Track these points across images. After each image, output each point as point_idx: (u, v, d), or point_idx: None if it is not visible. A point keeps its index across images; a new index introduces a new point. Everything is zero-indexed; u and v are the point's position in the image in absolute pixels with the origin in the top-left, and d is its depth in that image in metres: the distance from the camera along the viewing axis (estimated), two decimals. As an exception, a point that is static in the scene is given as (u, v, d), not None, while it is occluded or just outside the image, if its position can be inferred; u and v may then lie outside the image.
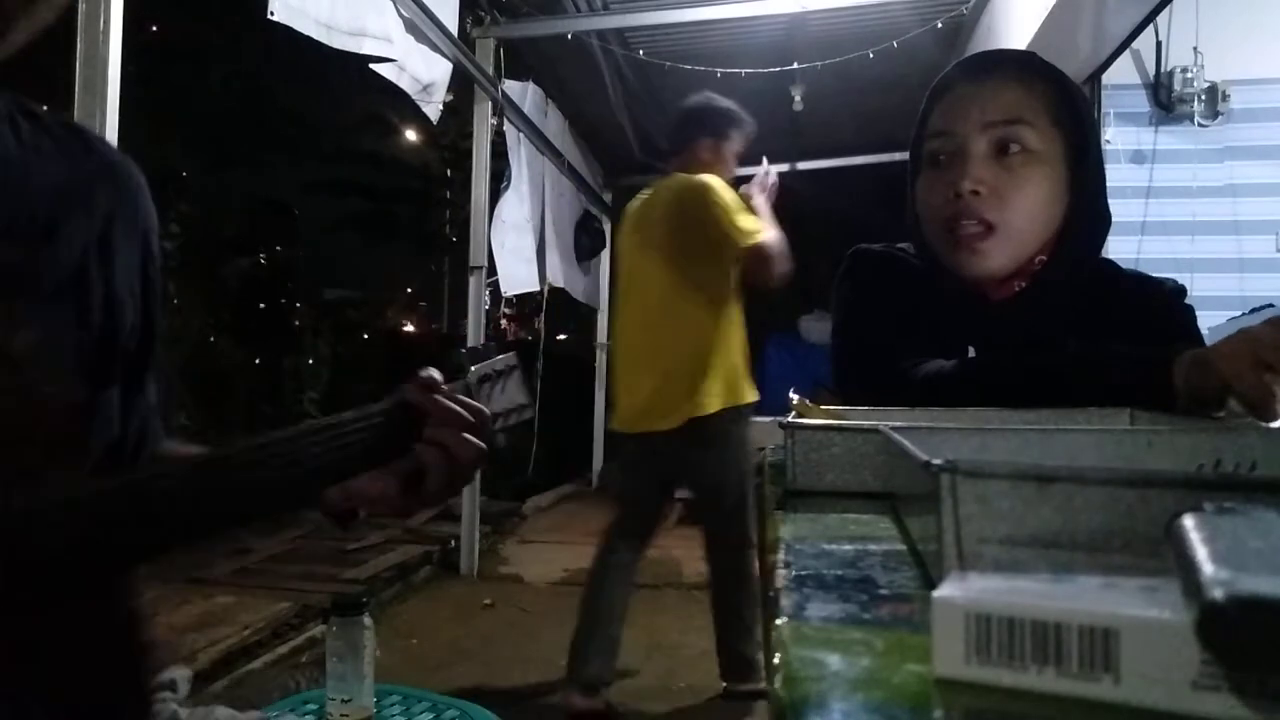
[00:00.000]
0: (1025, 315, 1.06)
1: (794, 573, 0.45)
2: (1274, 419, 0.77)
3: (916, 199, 1.08)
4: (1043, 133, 1.02)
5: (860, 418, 0.75)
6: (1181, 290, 1.15)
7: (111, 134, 2.21)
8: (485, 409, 0.79)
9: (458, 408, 0.77)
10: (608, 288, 7.84)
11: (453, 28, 4.04)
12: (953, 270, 1.06)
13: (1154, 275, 1.17)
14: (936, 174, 1.05)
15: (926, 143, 1.07)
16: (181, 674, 0.93)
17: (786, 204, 3.21)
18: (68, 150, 0.76)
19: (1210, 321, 3.71)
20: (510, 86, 5.02)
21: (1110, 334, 1.05)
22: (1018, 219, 1.02)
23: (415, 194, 14.06)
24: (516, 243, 5.22)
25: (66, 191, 0.73)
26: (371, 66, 3.41)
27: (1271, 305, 3.31)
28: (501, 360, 0.86)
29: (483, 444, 0.77)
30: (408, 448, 0.75)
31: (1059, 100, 1.04)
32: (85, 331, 0.71)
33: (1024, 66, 1.06)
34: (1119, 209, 4.17)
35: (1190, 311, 1.15)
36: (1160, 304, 1.12)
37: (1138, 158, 4.44)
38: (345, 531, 0.87)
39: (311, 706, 1.49)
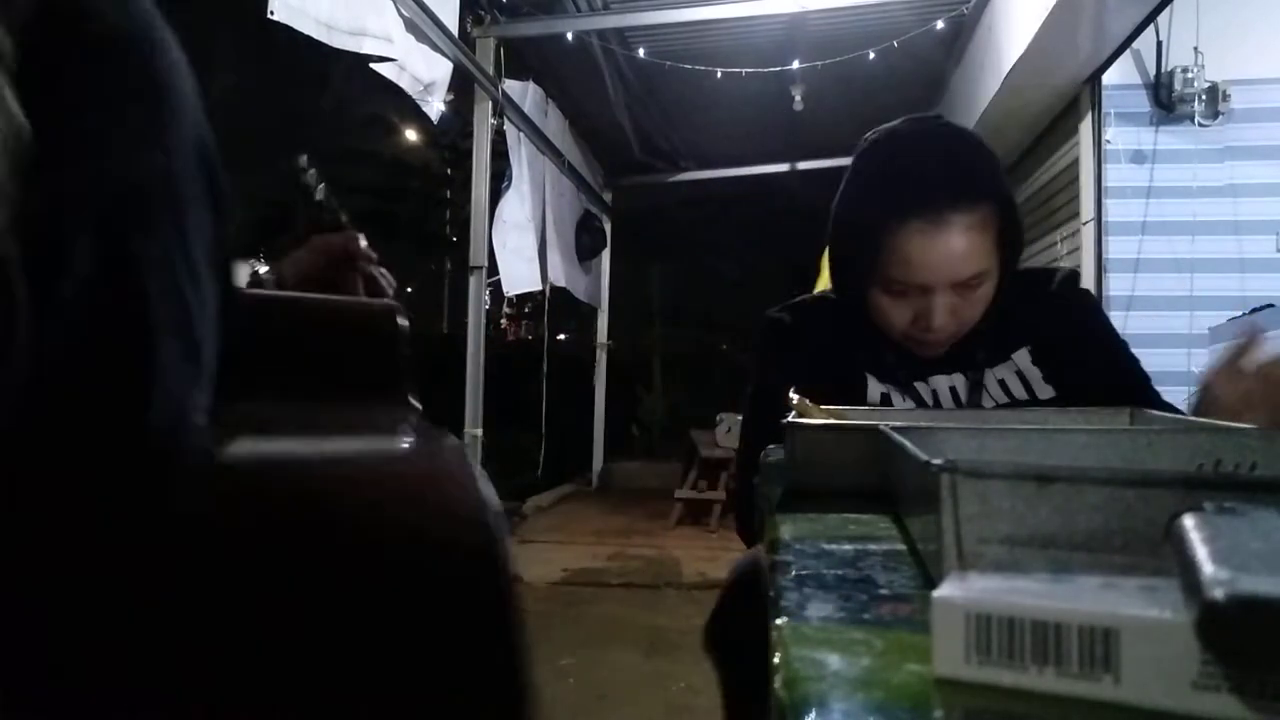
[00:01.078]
0: (952, 353, 1.15)
1: (794, 573, 0.45)
2: None
3: (875, 305, 1.14)
4: (992, 258, 1.10)
5: (860, 418, 0.75)
6: (1073, 276, 1.23)
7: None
8: None
9: None
10: (608, 287, 7.85)
11: (453, 27, 4.04)
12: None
13: (1046, 268, 1.25)
14: (898, 300, 1.11)
15: (889, 269, 1.10)
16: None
17: (786, 204, 3.24)
18: None
19: (1210, 321, 3.73)
20: (510, 86, 5.02)
21: (1028, 340, 1.14)
22: (972, 321, 1.13)
23: (415, 194, 14.05)
24: (518, 242, 5.22)
25: None
26: (372, 66, 3.41)
27: (1271, 305, 3.31)
28: None
29: None
30: None
31: (997, 211, 1.09)
32: None
33: (968, 194, 1.08)
34: (1119, 209, 4.18)
35: (1089, 295, 1.25)
36: (1060, 303, 1.19)
37: (1138, 158, 4.44)
38: None
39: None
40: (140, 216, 0.41)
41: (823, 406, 0.83)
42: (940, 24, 4.82)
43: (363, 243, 0.90)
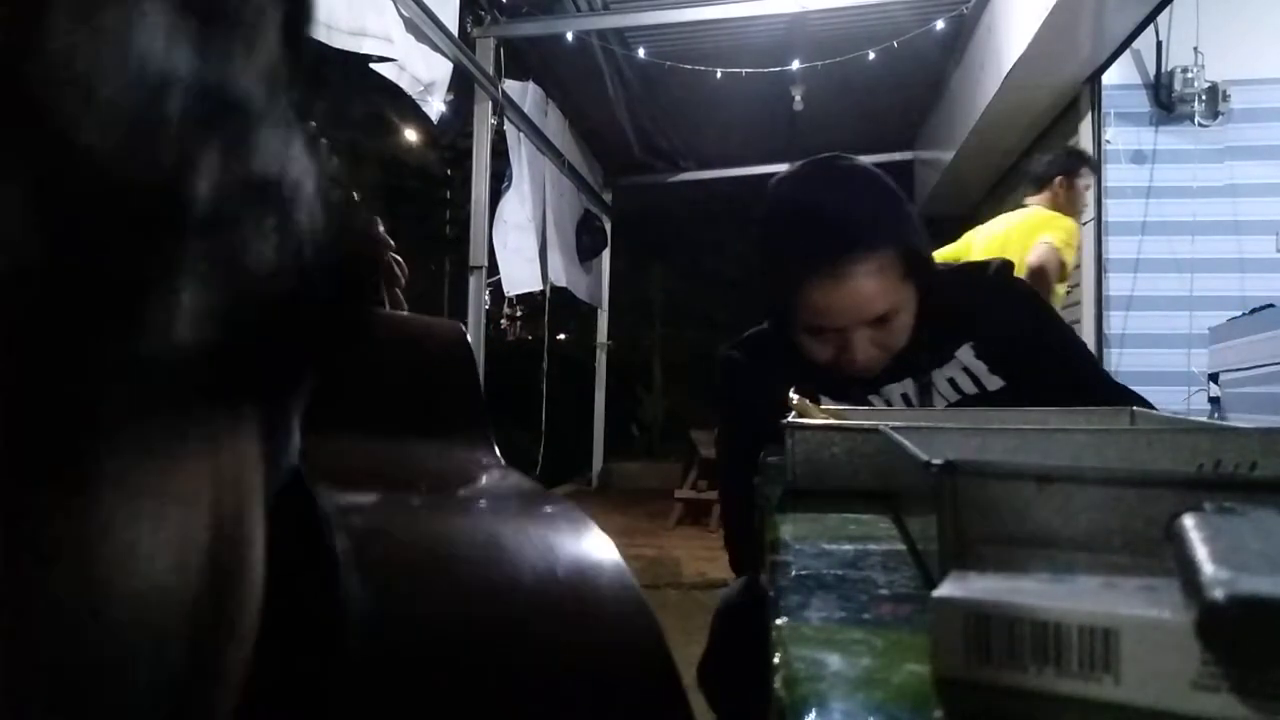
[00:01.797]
0: (897, 361, 1.19)
1: (794, 573, 0.45)
2: None
3: (801, 345, 1.19)
4: (899, 293, 1.14)
5: (860, 418, 0.75)
6: (1006, 267, 1.25)
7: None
8: None
9: None
10: (608, 287, 7.85)
11: (453, 27, 4.04)
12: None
13: (979, 263, 1.28)
14: (820, 340, 1.17)
15: (804, 317, 1.16)
16: None
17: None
18: None
19: (1210, 321, 3.73)
20: (510, 86, 5.02)
21: (969, 337, 1.17)
22: (898, 346, 1.17)
23: (415, 194, 14.06)
24: (519, 242, 5.22)
25: None
26: (372, 66, 3.41)
27: (1272, 305, 3.31)
28: None
29: None
30: None
31: (900, 253, 1.14)
32: None
33: (865, 243, 1.13)
34: (1119, 209, 4.17)
35: (1021, 283, 1.27)
36: (995, 295, 1.22)
37: (1138, 158, 4.44)
38: None
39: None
40: None
41: (822, 407, 0.83)
42: (940, 24, 4.82)
43: (380, 228, 0.90)
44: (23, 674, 0.13)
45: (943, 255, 2.77)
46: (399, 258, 0.86)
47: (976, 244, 3.45)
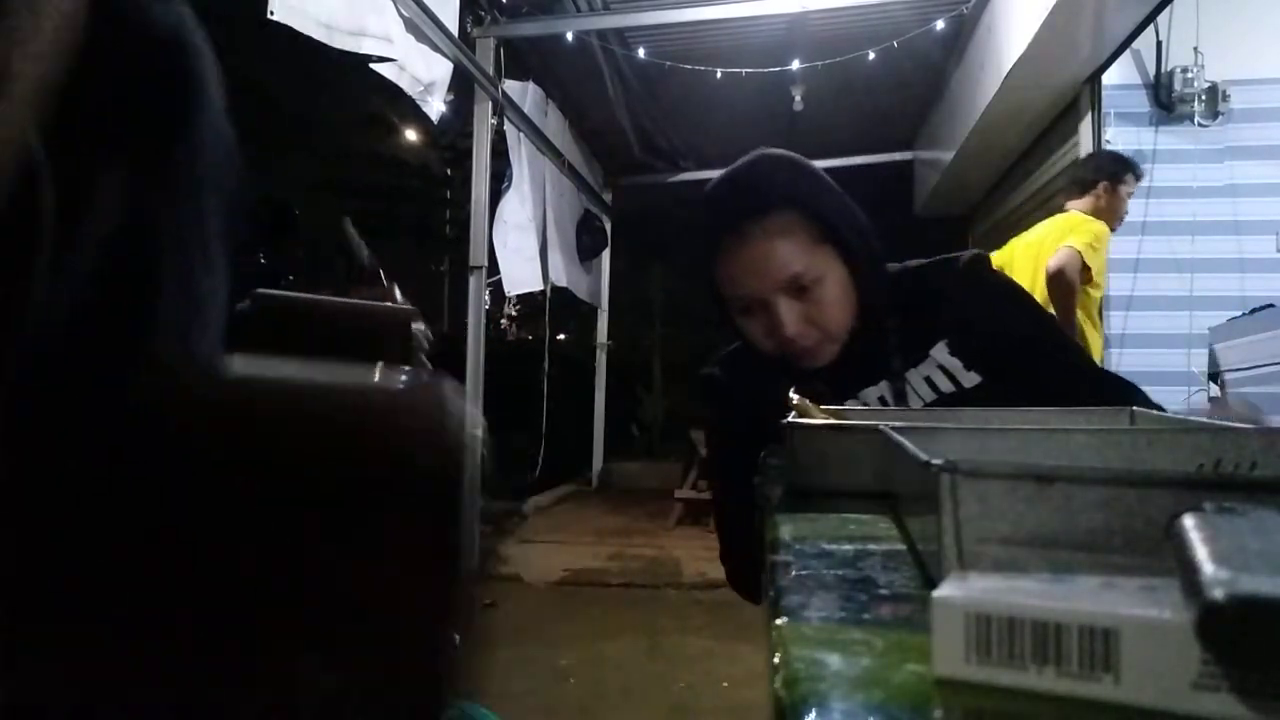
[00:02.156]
0: (860, 358, 1.18)
1: (794, 573, 0.45)
2: None
3: (744, 336, 1.21)
4: (814, 258, 1.14)
5: (860, 418, 0.75)
6: (977, 259, 1.23)
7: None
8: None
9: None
10: (608, 287, 7.85)
11: (453, 27, 4.04)
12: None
13: (948, 257, 1.25)
14: (753, 319, 1.18)
15: (727, 294, 1.19)
16: None
17: None
18: None
19: (1210, 321, 3.73)
20: (510, 86, 5.02)
21: (943, 334, 1.16)
22: (832, 324, 1.16)
23: (415, 194, 14.06)
24: (519, 242, 5.23)
25: None
26: (372, 66, 3.41)
27: (1272, 305, 3.31)
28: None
29: None
30: None
31: (807, 216, 1.14)
32: None
33: (756, 205, 1.14)
34: (1119, 209, 4.05)
35: (997, 274, 1.25)
36: (966, 288, 1.20)
37: (1138, 158, 4.43)
38: None
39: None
40: (166, 187, 0.47)
41: (822, 407, 0.83)
42: (940, 24, 4.82)
43: (398, 294, 0.93)
44: None
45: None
46: (425, 328, 0.88)
47: (1018, 250, 3.49)
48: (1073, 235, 3.26)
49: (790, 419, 0.74)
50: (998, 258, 3.42)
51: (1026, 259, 3.40)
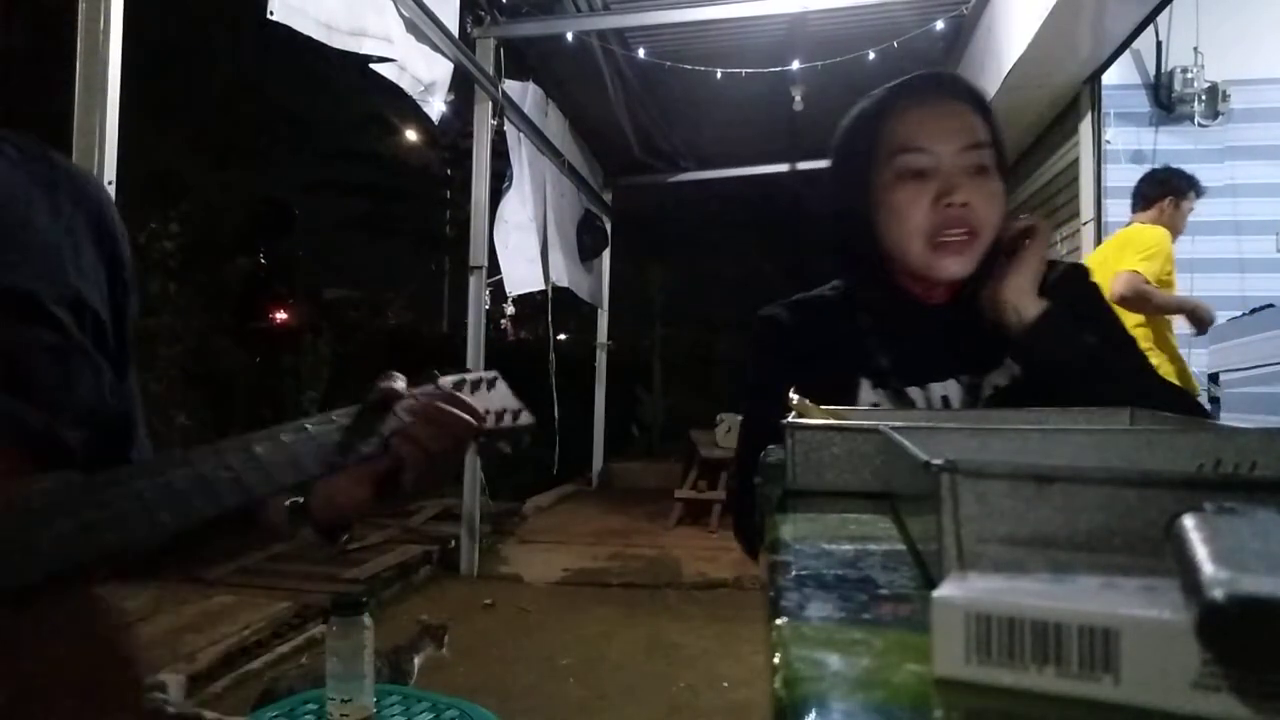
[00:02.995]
0: (962, 317, 1.11)
1: (794, 573, 0.45)
2: None
3: (892, 210, 1.11)
4: (989, 142, 1.10)
5: (860, 418, 0.75)
6: (1074, 271, 1.20)
7: (112, 133, 2.21)
8: (463, 400, 0.86)
9: (430, 401, 0.83)
10: (608, 287, 7.85)
11: (453, 28, 4.04)
12: (920, 273, 1.11)
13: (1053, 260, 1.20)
14: (918, 186, 1.09)
15: (897, 157, 1.09)
16: (174, 678, 0.96)
17: (786, 204, 3.33)
18: (30, 161, 0.82)
19: (1210, 321, 3.72)
20: (510, 86, 5.02)
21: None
22: (987, 231, 1.09)
23: (415, 194, 14.06)
24: (519, 242, 5.22)
25: (35, 198, 0.79)
26: (372, 66, 3.41)
27: (1271, 305, 3.31)
28: (478, 373, 0.94)
29: (457, 434, 0.83)
30: (376, 441, 0.81)
31: (993, 123, 1.12)
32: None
33: (969, 89, 1.13)
34: (1119, 209, 4.16)
35: (1093, 289, 1.21)
36: (1083, 289, 1.17)
37: (1138, 158, 4.44)
38: (334, 546, 0.90)
39: (311, 706, 1.49)
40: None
41: (823, 406, 0.83)
42: (940, 24, 4.82)
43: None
44: None
45: None
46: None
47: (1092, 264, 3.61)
48: (1127, 251, 3.49)
49: (790, 419, 0.74)
50: None
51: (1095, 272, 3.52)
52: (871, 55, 4.92)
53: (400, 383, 0.86)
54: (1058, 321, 1.06)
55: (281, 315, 11.44)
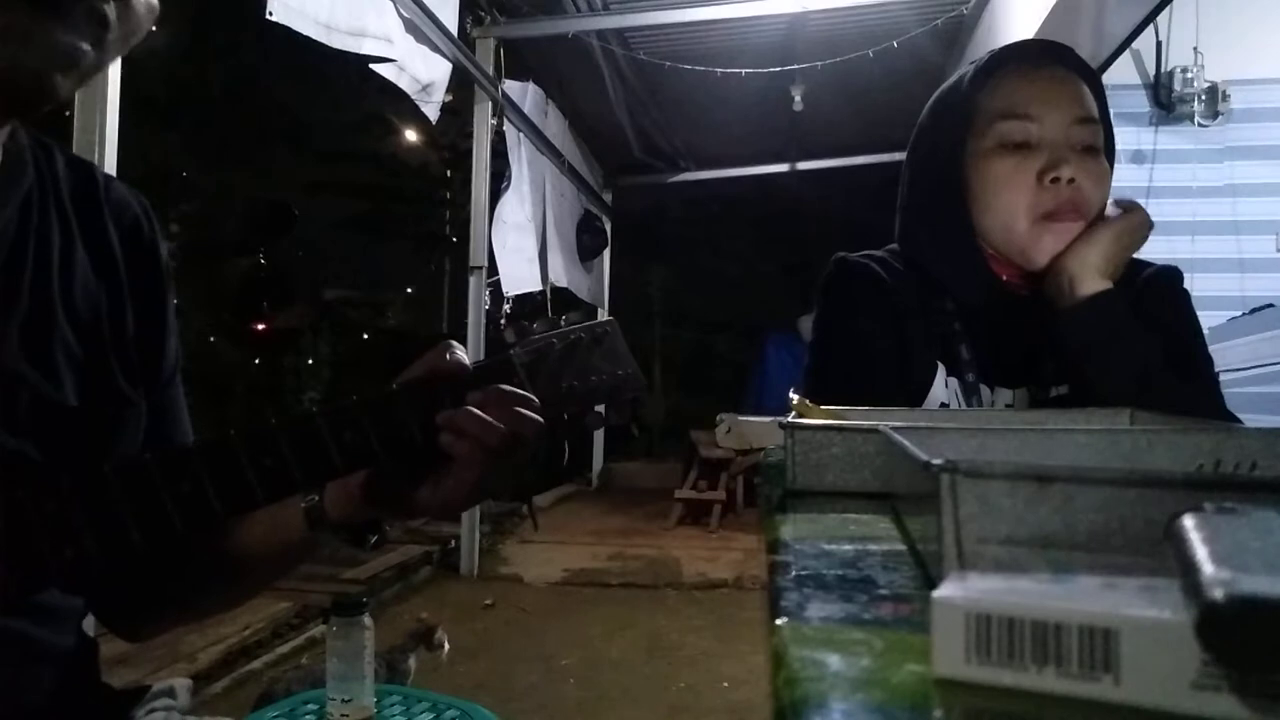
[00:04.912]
0: (1047, 315, 1.01)
1: (794, 573, 0.45)
2: None
3: (989, 183, 1.01)
4: (1103, 134, 1.02)
5: (860, 418, 0.75)
6: (1165, 273, 1.14)
7: (111, 133, 2.21)
8: (522, 391, 0.69)
9: (494, 393, 0.67)
10: (608, 287, 7.84)
11: (453, 28, 4.04)
12: (1015, 256, 1.02)
13: (1137, 260, 1.11)
14: (1021, 157, 0.99)
15: (999, 124, 0.99)
16: (181, 683, 0.92)
17: (787, 204, 3.32)
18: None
19: (1210, 321, 3.72)
20: (510, 86, 5.02)
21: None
22: (1090, 208, 1.00)
23: (415, 194, 14.04)
24: (518, 243, 5.22)
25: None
26: (371, 66, 3.41)
27: (1271, 305, 3.31)
28: (585, 324, 0.75)
29: (517, 428, 0.66)
30: (420, 438, 0.67)
31: (1104, 101, 1.04)
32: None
33: (1081, 60, 1.03)
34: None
35: (1187, 297, 1.14)
36: (1170, 295, 1.11)
37: (1138, 158, 4.43)
38: (364, 549, 0.80)
39: (312, 706, 1.49)
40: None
41: (822, 407, 0.83)
42: (940, 24, 4.82)
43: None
44: None
45: None
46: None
47: None
48: None
49: (790, 419, 0.74)
50: None
51: None
52: (871, 55, 4.92)
53: (460, 353, 0.70)
54: (1113, 310, 0.97)
55: (281, 315, 11.44)
